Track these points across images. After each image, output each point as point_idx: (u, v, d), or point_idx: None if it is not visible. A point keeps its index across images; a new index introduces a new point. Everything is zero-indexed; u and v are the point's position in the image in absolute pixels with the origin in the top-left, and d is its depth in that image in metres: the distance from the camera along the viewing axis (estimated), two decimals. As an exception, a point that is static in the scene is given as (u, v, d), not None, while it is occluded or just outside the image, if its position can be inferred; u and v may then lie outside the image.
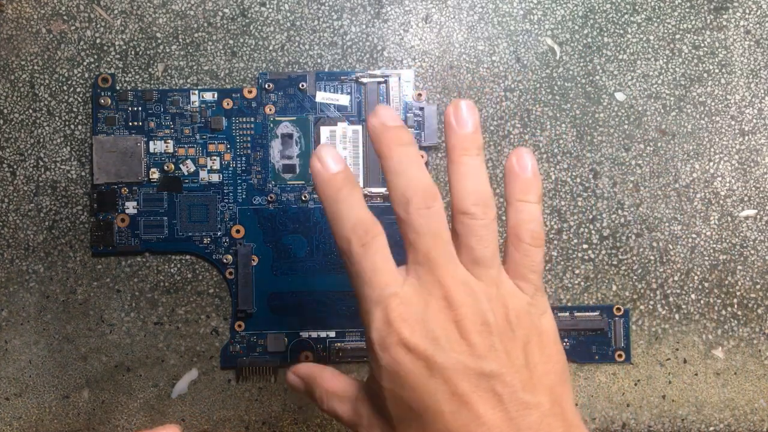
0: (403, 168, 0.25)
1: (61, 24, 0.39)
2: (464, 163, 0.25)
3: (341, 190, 0.25)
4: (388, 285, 0.24)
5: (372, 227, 0.25)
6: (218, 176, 0.39)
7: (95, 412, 0.39)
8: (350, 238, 0.25)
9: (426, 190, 0.25)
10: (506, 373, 0.24)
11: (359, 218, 0.25)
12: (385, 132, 0.25)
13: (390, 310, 0.24)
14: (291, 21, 0.39)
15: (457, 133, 0.26)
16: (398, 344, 0.24)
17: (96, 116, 0.38)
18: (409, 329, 0.24)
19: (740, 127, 0.40)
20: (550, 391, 0.24)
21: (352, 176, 0.26)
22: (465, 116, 0.26)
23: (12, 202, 0.39)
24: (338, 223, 0.25)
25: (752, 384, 0.40)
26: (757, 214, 0.40)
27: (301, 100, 0.39)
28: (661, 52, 0.40)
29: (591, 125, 0.40)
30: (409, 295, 0.24)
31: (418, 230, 0.24)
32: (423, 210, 0.24)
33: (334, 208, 0.25)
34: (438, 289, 0.24)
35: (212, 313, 0.39)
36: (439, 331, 0.24)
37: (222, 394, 0.39)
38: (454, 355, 0.24)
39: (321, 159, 0.25)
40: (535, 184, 0.26)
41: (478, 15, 0.40)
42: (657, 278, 0.40)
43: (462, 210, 0.25)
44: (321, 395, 0.28)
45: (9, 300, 0.38)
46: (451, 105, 0.26)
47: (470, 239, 0.25)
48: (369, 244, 0.25)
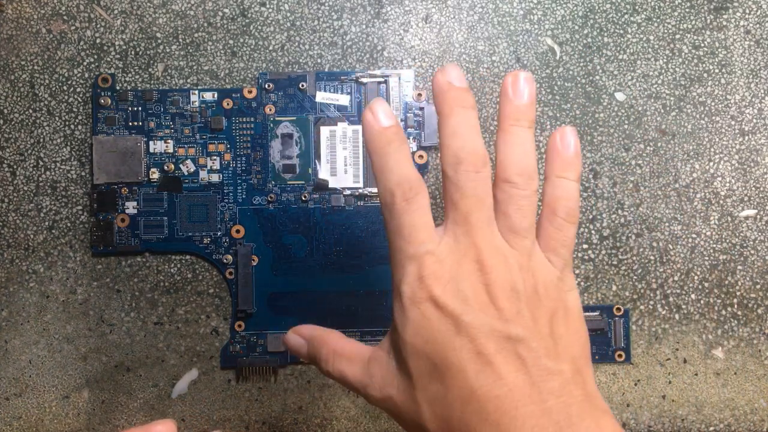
0: (461, 130, 0.25)
1: (61, 24, 0.39)
2: (514, 132, 0.26)
3: (391, 144, 0.25)
4: (425, 242, 0.25)
5: (417, 184, 0.25)
6: (218, 176, 0.39)
7: (95, 412, 0.39)
8: (395, 192, 0.25)
9: (478, 155, 0.25)
10: (531, 339, 0.24)
11: (405, 174, 0.25)
12: (450, 91, 0.26)
13: (424, 267, 0.25)
14: (291, 21, 0.39)
15: (512, 102, 0.26)
16: (428, 300, 0.24)
17: (96, 116, 0.38)
18: (441, 287, 0.24)
19: (740, 127, 0.40)
20: (573, 362, 0.25)
21: (402, 133, 0.26)
22: (522, 87, 0.26)
23: (12, 202, 0.39)
24: (384, 176, 0.25)
25: (752, 384, 0.40)
26: (757, 214, 0.40)
27: (301, 100, 0.39)
28: (661, 52, 0.40)
29: (591, 125, 0.40)
30: (444, 254, 0.25)
31: (463, 191, 0.25)
32: (472, 173, 0.25)
33: (383, 161, 0.25)
34: (472, 252, 0.25)
35: (212, 313, 0.39)
36: (469, 292, 0.24)
37: (222, 394, 0.39)
38: (482, 316, 0.24)
39: (374, 112, 0.26)
40: (575, 162, 0.27)
41: (478, 15, 0.40)
42: (657, 278, 0.40)
43: (505, 178, 0.26)
44: (327, 355, 0.28)
45: (9, 300, 0.38)
46: (510, 75, 0.26)
47: (509, 207, 0.25)
48: (412, 200, 0.25)
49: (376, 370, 0.26)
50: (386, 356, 0.26)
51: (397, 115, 0.39)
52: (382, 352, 0.26)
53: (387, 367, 0.26)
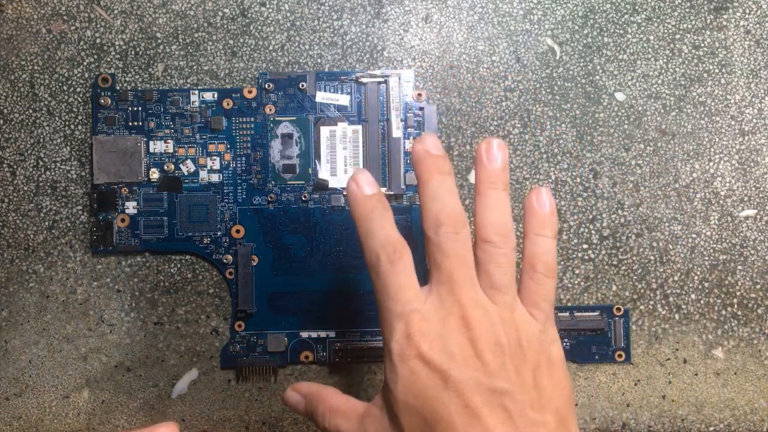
0: (440, 194, 0.27)
1: (61, 24, 0.39)
2: (490, 195, 0.28)
3: (374, 210, 0.27)
4: (410, 301, 0.26)
5: (400, 246, 0.27)
6: (218, 176, 0.39)
7: (95, 412, 0.39)
8: (379, 254, 0.27)
9: (457, 217, 0.27)
10: (516, 391, 0.25)
11: (389, 237, 0.27)
12: (427, 158, 0.28)
13: (411, 325, 0.26)
14: (291, 21, 0.39)
15: (486, 168, 0.28)
16: (416, 357, 0.25)
17: (96, 116, 0.38)
18: (428, 344, 0.25)
19: (740, 127, 0.40)
20: (556, 412, 0.26)
21: (384, 199, 0.28)
22: (495, 153, 0.28)
23: (12, 202, 0.39)
24: (369, 240, 0.27)
25: (752, 384, 0.40)
26: (757, 214, 0.40)
27: (301, 100, 0.39)
28: (661, 52, 0.40)
29: (591, 125, 0.40)
30: (430, 312, 0.26)
31: (445, 252, 0.26)
32: (452, 234, 0.26)
33: (367, 226, 0.27)
34: (457, 309, 0.26)
35: (212, 313, 0.39)
36: (455, 347, 0.25)
37: (222, 394, 0.39)
38: (468, 370, 0.25)
39: (357, 182, 0.28)
40: (551, 220, 0.28)
41: (478, 15, 0.40)
42: (657, 278, 0.40)
43: (484, 238, 0.27)
44: (324, 412, 0.29)
45: (9, 300, 0.38)
46: (484, 142, 0.28)
47: (490, 265, 0.27)
48: (396, 262, 0.26)
49: (370, 425, 0.27)
50: (379, 412, 0.27)
51: (397, 115, 0.39)
52: (375, 408, 0.28)
53: (380, 422, 0.27)
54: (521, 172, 0.40)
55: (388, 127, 0.39)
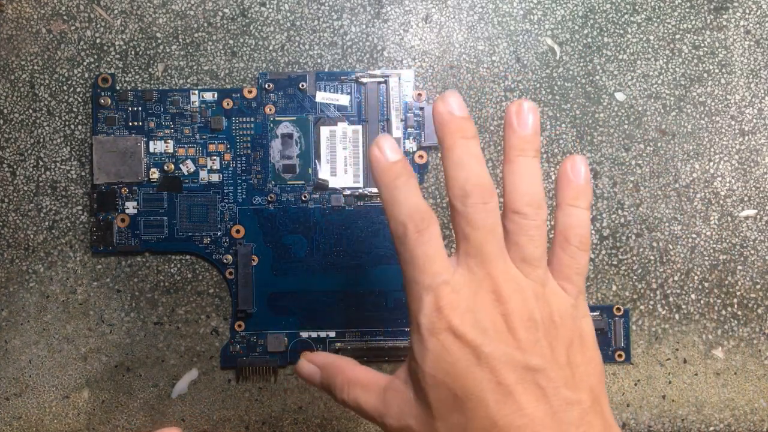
0: (466, 161, 0.25)
1: (61, 24, 0.39)
2: (520, 163, 0.26)
3: (399, 177, 0.26)
4: (440, 273, 0.25)
5: (428, 215, 0.25)
6: (218, 176, 0.39)
7: (95, 412, 0.39)
8: (407, 224, 0.25)
9: (485, 186, 0.25)
10: (550, 369, 0.24)
11: (416, 205, 0.25)
12: (451, 121, 0.26)
13: (441, 297, 0.25)
14: (291, 21, 0.39)
15: (516, 132, 0.26)
16: (447, 330, 0.24)
17: (96, 116, 0.38)
18: (459, 317, 0.24)
19: (740, 127, 0.40)
20: (591, 390, 0.25)
21: (409, 166, 0.26)
22: (526, 117, 0.26)
23: (12, 202, 0.39)
24: (395, 209, 0.26)
25: (752, 384, 0.40)
26: (757, 214, 0.40)
27: (301, 100, 0.39)
28: (661, 52, 0.40)
29: (591, 125, 0.40)
30: (460, 284, 0.25)
31: (474, 224, 0.25)
32: (480, 205, 0.25)
33: (392, 194, 0.26)
34: (488, 282, 0.25)
35: (212, 313, 0.39)
36: (488, 322, 0.24)
37: (222, 394, 0.39)
38: (501, 346, 0.24)
39: (380, 148, 0.26)
40: (586, 191, 0.27)
41: (478, 15, 0.40)
42: (657, 278, 0.40)
43: (515, 209, 0.26)
44: (342, 384, 0.28)
45: (9, 300, 0.38)
46: (514, 104, 0.26)
47: (521, 238, 0.26)
48: (424, 231, 0.25)
49: (392, 399, 0.26)
50: (403, 386, 0.26)
51: (397, 115, 0.39)
52: (398, 381, 0.26)
53: (405, 396, 0.26)
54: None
55: (388, 127, 0.39)
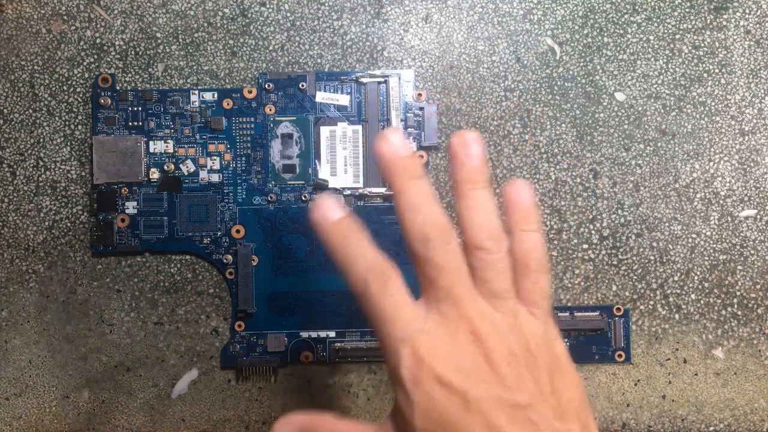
0: (419, 204, 0.25)
1: (61, 24, 0.39)
2: (474, 197, 0.26)
3: (349, 235, 0.25)
4: (412, 322, 0.25)
5: (387, 267, 0.25)
6: (218, 176, 0.39)
7: (95, 412, 0.39)
8: (367, 279, 0.25)
9: (443, 227, 0.25)
10: (537, 402, 0.24)
11: (373, 259, 0.25)
12: (397, 163, 0.25)
13: (418, 347, 0.24)
14: (291, 21, 0.39)
15: (465, 166, 0.26)
16: (432, 379, 0.24)
17: (96, 116, 0.38)
18: (442, 364, 0.24)
19: (740, 127, 0.40)
20: (578, 417, 0.25)
21: (353, 221, 0.26)
22: (472, 148, 0.26)
23: (12, 202, 0.39)
24: (352, 266, 0.25)
25: (752, 384, 0.40)
26: (757, 214, 0.40)
27: (301, 100, 0.39)
28: (661, 52, 0.40)
29: (591, 125, 0.40)
30: (435, 330, 0.25)
31: (439, 267, 0.25)
32: (442, 246, 0.25)
33: (345, 252, 0.25)
34: (464, 324, 0.24)
35: (212, 313, 0.39)
36: (470, 364, 0.24)
37: (222, 394, 0.39)
38: (487, 387, 0.24)
39: (321, 209, 0.26)
40: (534, 213, 0.27)
41: (478, 15, 0.40)
42: (657, 278, 0.40)
43: (477, 245, 0.25)
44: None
45: (9, 300, 0.38)
46: (457, 137, 0.26)
47: (487, 273, 0.25)
48: (387, 284, 0.25)
49: None
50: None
51: (397, 115, 0.39)
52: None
53: None
54: (521, 172, 0.40)
55: (388, 127, 0.39)
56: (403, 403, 0.24)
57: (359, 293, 0.25)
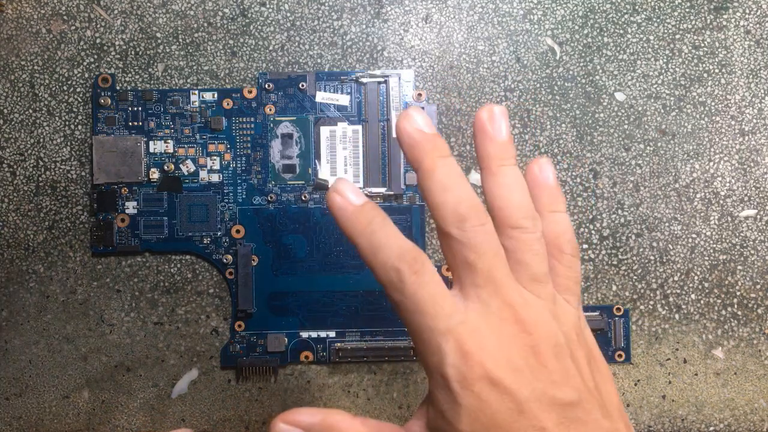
0: (452, 183, 0.23)
1: (61, 24, 0.39)
2: (505, 174, 0.24)
3: (374, 220, 0.23)
4: (453, 313, 0.22)
5: (419, 252, 0.23)
6: (218, 176, 0.39)
7: (95, 412, 0.39)
8: (400, 268, 0.22)
9: (479, 207, 0.23)
10: (585, 400, 0.22)
11: (403, 245, 0.23)
12: (425, 140, 0.23)
13: (464, 341, 0.22)
14: (291, 21, 0.39)
15: (494, 140, 0.24)
16: (482, 378, 0.21)
17: (96, 116, 0.38)
18: (492, 359, 0.22)
19: (740, 127, 0.40)
20: (620, 414, 0.23)
21: (378, 206, 0.24)
22: (499, 122, 0.24)
23: (12, 202, 0.39)
24: (380, 255, 0.23)
25: (752, 384, 0.40)
26: (757, 214, 0.40)
27: (301, 100, 0.39)
28: (661, 52, 0.40)
29: (591, 125, 0.40)
30: (478, 321, 0.22)
31: (478, 249, 0.23)
32: (479, 227, 0.23)
33: (371, 239, 0.23)
34: (508, 313, 0.22)
35: (212, 313, 0.39)
36: (520, 359, 0.22)
37: (222, 394, 0.39)
38: (538, 385, 0.22)
39: (342, 193, 0.23)
40: (560, 193, 0.26)
41: (478, 15, 0.40)
42: (657, 278, 0.40)
43: (513, 224, 0.24)
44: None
45: (9, 300, 0.38)
46: (484, 110, 0.24)
47: (525, 255, 0.23)
48: (421, 271, 0.22)
49: None
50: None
51: (397, 115, 0.39)
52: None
53: None
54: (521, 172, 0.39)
55: (388, 127, 0.39)
56: (445, 406, 0.22)
57: (389, 283, 0.23)
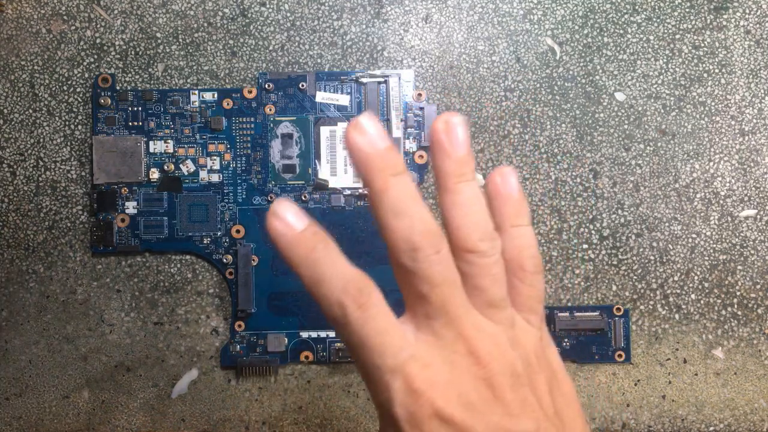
0: (404, 206, 0.21)
1: (61, 24, 0.39)
2: (461, 191, 0.22)
3: (316, 247, 0.21)
4: (402, 347, 0.21)
5: (365, 283, 0.21)
6: (218, 176, 0.39)
7: (95, 412, 0.39)
8: (343, 302, 0.21)
9: (433, 232, 0.21)
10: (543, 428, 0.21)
11: (347, 276, 0.21)
12: (375, 157, 0.21)
13: (413, 377, 0.21)
14: (291, 21, 0.39)
15: (451, 156, 0.22)
16: (432, 417, 0.20)
17: (96, 116, 0.38)
18: (442, 396, 0.21)
19: (740, 127, 0.40)
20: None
21: (321, 231, 0.22)
22: (456, 134, 0.22)
23: (12, 202, 0.39)
24: (323, 288, 0.21)
25: (752, 384, 0.40)
26: (757, 214, 0.40)
27: (301, 100, 0.39)
28: (661, 52, 0.40)
29: (591, 125, 0.40)
30: (429, 355, 0.21)
31: (431, 280, 0.21)
32: (434, 256, 0.21)
33: (312, 270, 0.21)
34: (461, 345, 0.21)
35: (212, 313, 0.39)
36: (472, 393, 0.21)
37: (222, 394, 0.39)
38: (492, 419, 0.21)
39: (280, 216, 0.22)
40: (523, 205, 0.24)
41: (478, 15, 0.40)
42: (657, 278, 0.40)
43: (469, 248, 0.22)
44: None
45: (9, 300, 0.38)
46: (441, 122, 0.22)
47: (483, 280, 0.22)
48: (367, 305, 0.21)
49: None
50: None
51: (397, 115, 0.39)
52: None
53: None
54: (521, 172, 0.40)
55: (388, 127, 0.39)
56: None
57: (334, 319, 0.21)
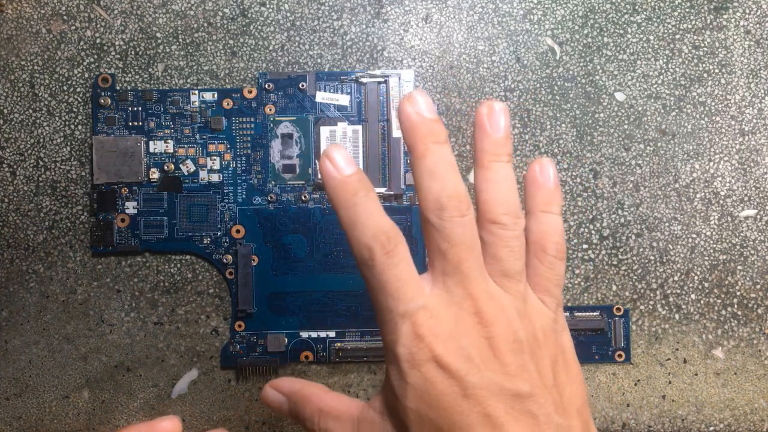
0: (439, 170, 0.23)
1: (61, 24, 0.39)
2: (495, 169, 0.24)
3: (357, 194, 0.23)
4: (415, 297, 0.23)
5: (394, 233, 0.23)
6: (218, 176, 0.39)
7: (95, 412, 0.39)
8: (372, 247, 0.23)
9: (461, 197, 0.23)
10: (539, 394, 0.23)
11: (380, 224, 0.23)
12: (422, 124, 0.24)
13: (419, 325, 0.23)
14: (291, 21, 0.39)
15: (489, 136, 0.24)
16: (430, 361, 0.22)
17: (96, 116, 0.38)
18: (442, 345, 0.23)
19: (740, 127, 0.40)
20: (579, 414, 0.24)
21: (366, 179, 0.24)
22: (498, 119, 0.24)
23: (12, 202, 0.39)
24: (357, 230, 0.23)
25: (752, 384, 0.40)
26: (757, 214, 0.40)
27: (301, 100, 0.39)
28: (661, 52, 0.40)
29: (591, 125, 0.40)
30: (439, 308, 0.23)
31: (451, 239, 0.23)
32: (457, 218, 0.23)
33: (351, 213, 0.23)
34: (469, 304, 0.23)
35: (212, 313, 0.39)
36: (472, 348, 0.23)
37: (222, 394, 0.39)
38: (488, 374, 0.22)
39: (332, 160, 0.24)
40: (557, 195, 0.26)
41: (478, 15, 0.40)
42: (657, 278, 0.40)
43: (492, 219, 0.24)
44: (312, 414, 0.26)
45: (9, 300, 0.38)
46: (485, 105, 0.25)
47: (501, 250, 0.24)
48: (393, 253, 0.23)
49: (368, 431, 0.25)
50: (379, 418, 0.24)
51: (397, 115, 0.39)
52: (374, 414, 0.25)
53: (381, 429, 0.24)
54: (521, 171, 0.40)
55: (388, 127, 0.39)
56: (395, 382, 0.23)
57: (362, 261, 0.23)
